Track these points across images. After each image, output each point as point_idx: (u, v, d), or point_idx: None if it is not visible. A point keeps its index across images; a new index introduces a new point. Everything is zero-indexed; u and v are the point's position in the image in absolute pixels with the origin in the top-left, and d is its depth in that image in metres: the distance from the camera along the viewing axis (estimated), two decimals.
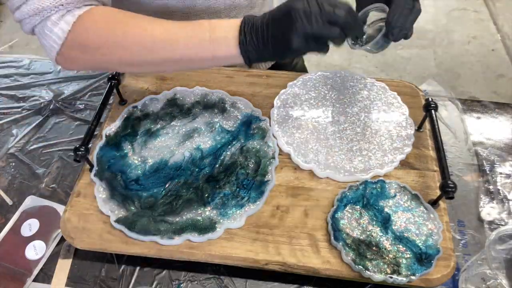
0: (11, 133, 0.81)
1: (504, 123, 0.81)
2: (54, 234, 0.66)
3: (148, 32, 0.53)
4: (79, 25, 0.53)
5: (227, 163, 0.66)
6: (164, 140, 0.69)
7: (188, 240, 0.59)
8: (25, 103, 0.86)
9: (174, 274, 0.62)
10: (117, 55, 0.54)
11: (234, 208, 0.61)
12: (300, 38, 0.50)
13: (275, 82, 0.78)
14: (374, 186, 0.62)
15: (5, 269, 0.62)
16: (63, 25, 0.52)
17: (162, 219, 0.60)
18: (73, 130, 0.81)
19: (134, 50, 0.53)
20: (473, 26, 2.34)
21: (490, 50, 2.21)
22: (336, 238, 0.57)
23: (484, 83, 2.05)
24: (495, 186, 0.71)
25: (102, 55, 0.54)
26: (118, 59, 0.55)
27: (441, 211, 0.61)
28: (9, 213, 0.69)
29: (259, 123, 0.71)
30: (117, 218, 0.60)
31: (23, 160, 0.77)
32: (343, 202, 0.61)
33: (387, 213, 0.59)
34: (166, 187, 0.63)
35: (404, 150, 0.67)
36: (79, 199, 0.63)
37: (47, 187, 0.72)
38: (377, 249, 0.56)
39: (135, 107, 0.74)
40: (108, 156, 0.67)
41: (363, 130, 0.70)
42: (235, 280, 0.61)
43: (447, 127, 0.80)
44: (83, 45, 0.53)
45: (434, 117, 0.66)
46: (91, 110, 0.84)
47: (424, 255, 0.55)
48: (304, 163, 0.66)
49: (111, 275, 0.62)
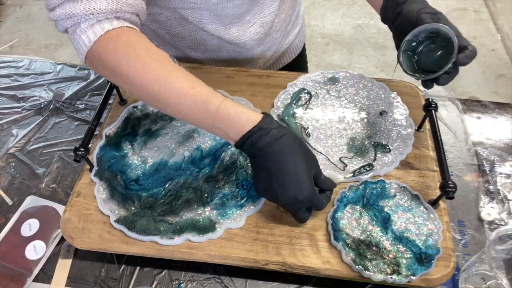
0: (11, 133, 0.81)
1: (504, 123, 0.81)
2: (54, 234, 0.66)
3: (158, 83, 0.53)
4: (103, 41, 0.53)
5: (226, 163, 0.66)
6: (164, 140, 0.69)
7: (188, 240, 0.59)
8: (25, 103, 0.86)
9: (174, 274, 0.62)
10: (127, 84, 0.55)
11: (234, 208, 0.61)
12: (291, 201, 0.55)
13: (275, 82, 0.78)
14: (374, 186, 0.62)
15: (5, 269, 0.62)
16: (90, 34, 0.53)
17: (162, 219, 0.60)
18: (73, 130, 0.81)
19: (143, 91, 0.54)
20: (473, 26, 2.34)
21: (490, 50, 2.21)
22: (336, 238, 0.57)
23: (484, 83, 2.05)
24: (495, 186, 0.71)
25: (117, 78, 0.55)
26: (129, 88, 0.56)
27: (441, 211, 0.61)
28: (9, 213, 0.69)
29: None
30: (117, 218, 0.60)
31: (23, 160, 0.77)
32: (343, 202, 0.61)
33: (387, 213, 0.59)
34: (166, 187, 0.63)
35: (404, 150, 0.67)
36: (79, 199, 0.63)
37: (47, 187, 0.72)
38: (377, 249, 0.56)
39: (135, 107, 0.74)
40: (108, 156, 0.67)
41: (363, 130, 0.70)
42: (235, 280, 0.61)
43: (447, 127, 0.80)
44: (103, 63, 0.54)
45: (434, 117, 0.66)
46: (91, 110, 0.84)
47: (424, 255, 0.55)
48: None
49: (111, 275, 0.62)
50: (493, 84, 2.05)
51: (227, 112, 0.53)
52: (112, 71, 0.54)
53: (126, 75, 0.53)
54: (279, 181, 0.53)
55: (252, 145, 0.53)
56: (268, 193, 0.56)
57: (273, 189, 0.54)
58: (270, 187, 0.54)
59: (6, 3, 2.60)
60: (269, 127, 0.53)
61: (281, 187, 0.54)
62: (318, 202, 0.57)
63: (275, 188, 0.54)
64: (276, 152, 0.53)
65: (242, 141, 0.53)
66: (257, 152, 0.53)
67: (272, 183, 0.54)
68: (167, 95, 0.53)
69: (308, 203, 0.56)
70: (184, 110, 0.54)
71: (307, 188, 0.54)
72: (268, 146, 0.53)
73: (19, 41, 2.33)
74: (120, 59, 0.53)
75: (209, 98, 0.53)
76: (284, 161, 0.53)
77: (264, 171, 0.54)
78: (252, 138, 0.52)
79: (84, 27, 0.53)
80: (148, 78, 0.53)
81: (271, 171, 0.53)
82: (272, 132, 0.53)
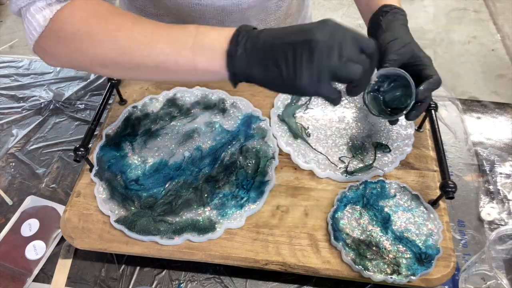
0: (11, 133, 0.81)
1: (504, 123, 0.81)
2: (54, 234, 0.66)
3: (125, 30, 0.48)
4: (59, 14, 0.49)
5: (226, 163, 0.66)
6: (164, 140, 0.69)
7: (188, 240, 0.59)
8: (25, 103, 0.86)
9: (174, 274, 0.62)
10: (89, 51, 0.49)
11: (234, 208, 0.61)
12: (313, 75, 0.43)
13: None
14: (374, 186, 0.62)
15: (5, 269, 0.62)
16: (46, 12, 0.49)
17: (162, 219, 0.60)
18: (73, 130, 0.81)
19: (107, 48, 0.48)
20: (473, 26, 2.34)
21: (490, 50, 2.21)
22: (336, 238, 0.57)
23: (484, 83, 2.05)
24: (495, 186, 0.71)
25: (75, 50, 0.50)
26: (90, 56, 0.50)
27: (441, 211, 0.61)
28: (9, 213, 0.69)
29: (259, 123, 0.71)
30: (117, 218, 0.60)
31: (23, 160, 0.77)
32: (343, 202, 0.61)
33: (387, 213, 0.59)
34: (166, 187, 0.63)
35: (404, 150, 0.67)
36: (79, 199, 0.63)
37: (47, 187, 0.72)
38: (377, 249, 0.56)
39: (135, 107, 0.74)
40: (108, 156, 0.67)
41: (363, 130, 0.70)
42: (235, 280, 0.61)
43: (447, 127, 0.80)
44: (58, 35, 0.49)
45: (434, 117, 0.66)
46: (91, 110, 0.84)
47: (424, 255, 0.55)
48: (304, 163, 0.66)
49: (111, 275, 0.62)
50: (493, 84, 2.05)
51: (206, 27, 0.47)
52: (70, 40, 0.49)
53: (86, 35, 0.48)
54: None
55: (247, 40, 0.45)
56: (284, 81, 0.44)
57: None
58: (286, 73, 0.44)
59: (6, 3, 2.60)
60: (248, 28, 0.46)
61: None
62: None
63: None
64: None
65: (235, 43, 0.45)
66: (259, 45, 0.44)
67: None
68: (138, 39, 0.47)
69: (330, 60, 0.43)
70: (161, 46, 0.47)
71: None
72: (268, 33, 0.45)
73: (19, 41, 2.33)
74: (79, 22, 0.48)
75: (184, 25, 0.48)
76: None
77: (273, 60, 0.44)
78: (244, 34, 0.45)
79: (40, 6, 0.48)
80: (112, 28, 0.48)
81: (295, 35, 0.43)
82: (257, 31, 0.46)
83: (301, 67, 0.43)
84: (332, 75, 0.44)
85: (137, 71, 0.50)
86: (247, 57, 0.45)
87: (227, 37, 0.45)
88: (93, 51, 0.49)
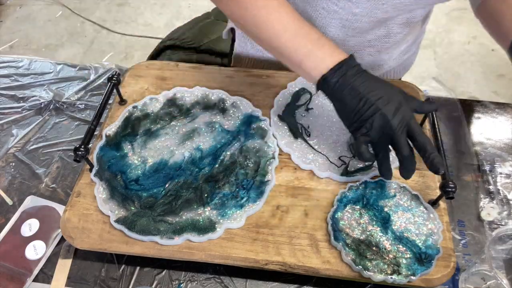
0: (11, 133, 0.81)
1: (504, 123, 0.81)
2: (54, 234, 0.66)
3: (268, 9, 0.56)
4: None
5: (226, 163, 0.66)
6: (164, 140, 0.69)
7: (188, 240, 0.59)
8: (25, 103, 0.86)
9: (174, 274, 0.62)
10: (230, 6, 0.58)
11: (234, 208, 0.61)
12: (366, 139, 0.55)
13: (275, 82, 0.78)
14: (374, 186, 0.62)
15: (5, 269, 0.62)
16: None
17: (162, 219, 0.60)
18: (73, 130, 0.81)
19: (249, 16, 0.56)
20: (473, 26, 2.33)
21: (490, 50, 2.21)
22: (336, 238, 0.57)
23: (484, 83, 2.05)
24: (495, 186, 0.71)
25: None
26: (230, 11, 0.59)
27: (441, 211, 0.61)
28: (9, 213, 0.69)
29: (259, 123, 0.71)
30: (117, 218, 0.60)
31: (23, 160, 0.77)
32: (343, 202, 0.61)
33: (387, 213, 0.59)
34: (166, 187, 0.63)
35: None
36: (79, 199, 0.63)
37: (47, 187, 0.72)
38: (377, 249, 0.56)
39: (135, 107, 0.74)
40: (108, 156, 0.67)
41: None
42: (235, 280, 0.61)
43: (447, 127, 0.80)
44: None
45: (434, 117, 0.66)
46: (91, 110, 0.84)
47: (424, 255, 0.55)
48: (304, 163, 0.65)
49: (111, 275, 0.62)
50: (493, 84, 2.05)
51: (325, 43, 0.55)
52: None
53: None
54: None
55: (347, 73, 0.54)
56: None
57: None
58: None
59: (6, 3, 2.60)
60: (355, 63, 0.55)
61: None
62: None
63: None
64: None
65: (340, 66, 0.54)
66: (339, 90, 0.54)
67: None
68: (271, 21, 0.56)
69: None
70: (285, 35, 0.56)
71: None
72: (357, 80, 0.54)
73: (19, 41, 2.33)
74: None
75: (310, 30, 0.56)
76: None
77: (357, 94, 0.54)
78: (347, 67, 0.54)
79: None
80: (258, 4, 0.56)
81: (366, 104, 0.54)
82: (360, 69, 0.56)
83: (366, 127, 0.54)
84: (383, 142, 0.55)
85: (259, 42, 0.61)
86: (333, 89, 0.54)
87: (333, 62, 0.54)
88: (232, 10, 0.58)
